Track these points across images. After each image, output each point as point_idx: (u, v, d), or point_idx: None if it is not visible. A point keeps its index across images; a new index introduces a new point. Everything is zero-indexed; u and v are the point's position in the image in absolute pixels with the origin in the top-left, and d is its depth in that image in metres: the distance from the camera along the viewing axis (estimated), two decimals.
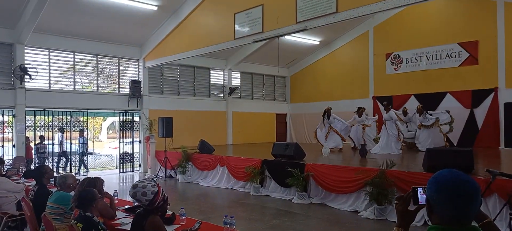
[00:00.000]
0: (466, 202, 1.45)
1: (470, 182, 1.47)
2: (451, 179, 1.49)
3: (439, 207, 1.50)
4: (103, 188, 4.20)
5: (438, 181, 1.52)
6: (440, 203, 1.49)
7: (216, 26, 11.17)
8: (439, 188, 1.50)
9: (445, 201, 1.47)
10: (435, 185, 1.52)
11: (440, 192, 1.49)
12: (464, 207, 1.46)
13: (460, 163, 6.32)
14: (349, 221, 6.83)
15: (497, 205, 5.63)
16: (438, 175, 1.54)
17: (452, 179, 1.49)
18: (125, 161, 14.14)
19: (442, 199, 1.48)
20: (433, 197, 1.52)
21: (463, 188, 1.46)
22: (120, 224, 3.85)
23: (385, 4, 7.18)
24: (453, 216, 1.47)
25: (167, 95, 15.15)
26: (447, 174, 1.51)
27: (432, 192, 1.52)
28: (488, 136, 12.81)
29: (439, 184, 1.50)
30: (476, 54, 13.38)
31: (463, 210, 1.46)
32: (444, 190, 1.48)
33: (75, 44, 12.61)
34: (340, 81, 17.41)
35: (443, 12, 14.25)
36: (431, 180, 1.55)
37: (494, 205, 5.70)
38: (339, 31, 16.83)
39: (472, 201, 1.46)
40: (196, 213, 7.27)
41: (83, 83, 13.44)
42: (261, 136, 17.99)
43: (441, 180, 1.51)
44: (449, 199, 1.46)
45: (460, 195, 1.45)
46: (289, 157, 9.26)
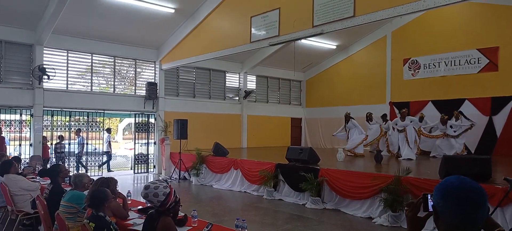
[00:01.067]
0: (471, 209, 1.42)
1: (476, 189, 1.44)
2: (456, 186, 1.46)
3: (444, 213, 1.47)
4: (116, 188, 4.24)
5: (444, 187, 1.49)
6: (445, 209, 1.47)
7: (233, 29, 11.21)
8: (444, 194, 1.48)
9: (450, 208, 1.45)
10: (440, 191, 1.50)
11: (445, 198, 1.47)
12: (469, 214, 1.42)
13: (477, 171, 6.18)
14: (363, 228, 6.73)
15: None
16: (444, 181, 1.51)
17: (457, 185, 1.46)
18: (140, 162, 14.29)
19: (446, 205, 1.46)
20: (438, 204, 1.50)
21: (468, 195, 1.43)
22: (132, 225, 3.88)
23: (404, 9, 7.06)
24: (458, 223, 1.44)
25: (182, 97, 15.27)
26: (454, 181, 1.48)
27: (438, 198, 1.50)
28: (507, 144, 12.46)
29: (444, 190, 1.48)
30: (496, 61, 13.05)
31: (468, 217, 1.43)
32: (449, 197, 1.46)
33: (93, 45, 12.85)
34: (357, 86, 17.23)
35: (462, 17, 13.96)
36: (437, 186, 1.53)
37: (511, 215, 5.53)
38: (356, 35, 16.67)
39: (477, 209, 1.42)
40: (209, 215, 7.27)
41: (100, 85, 13.66)
42: (275, 139, 17.94)
43: (447, 186, 1.48)
44: (454, 205, 1.44)
45: (465, 201, 1.42)
46: (303, 162, 9.19)
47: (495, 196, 5.55)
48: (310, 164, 9.02)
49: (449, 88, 14.05)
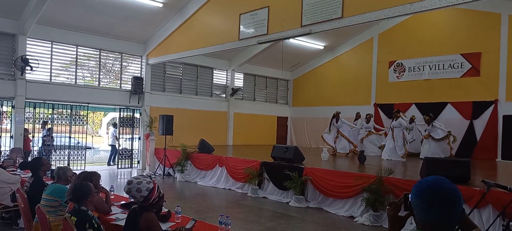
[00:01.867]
0: (446, 208, 1.47)
1: (451, 189, 1.48)
2: (432, 186, 1.50)
3: (420, 212, 1.52)
4: (99, 182, 4.21)
5: (420, 187, 1.54)
6: (420, 208, 1.51)
7: (221, 26, 11.19)
8: (420, 193, 1.52)
9: (424, 207, 1.50)
10: (416, 190, 1.54)
11: (420, 197, 1.51)
12: (443, 214, 1.47)
13: (457, 173, 6.34)
14: (344, 226, 6.83)
15: (491, 216, 5.62)
16: (421, 181, 1.56)
17: (433, 185, 1.50)
18: (123, 157, 14.15)
19: (421, 204, 1.50)
20: (414, 202, 1.54)
21: (442, 195, 1.47)
22: (114, 220, 3.86)
23: (391, 12, 7.17)
24: (433, 222, 1.48)
25: (169, 93, 15.16)
26: (430, 180, 1.53)
27: (414, 196, 1.55)
28: (486, 148, 12.77)
29: (420, 190, 1.53)
30: (478, 66, 13.35)
31: (441, 217, 1.47)
32: (424, 196, 1.50)
33: (79, 37, 12.64)
34: (343, 87, 17.40)
35: (447, 22, 14.24)
36: (415, 185, 1.58)
37: (488, 216, 5.69)
38: (344, 36, 16.81)
39: (452, 208, 1.47)
40: (193, 212, 7.26)
41: (85, 77, 13.45)
42: (261, 138, 17.99)
43: (423, 186, 1.53)
44: (428, 205, 1.49)
45: (439, 201, 1.47)
46: (288, 160, 9.25)
47: (473, 197, 5.71)
48: (295, 163, 9.09)
49: (432, 92, 14.32)
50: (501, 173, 9.37)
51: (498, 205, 5.44)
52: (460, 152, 13.08)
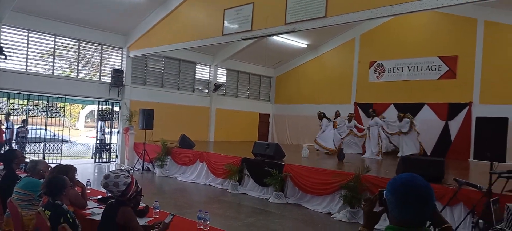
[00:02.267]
0: (418, 205, 1.52)
1: (423, 187, 1.53)
2: (405, 182, 1.55)
3: (394, 209, 1.56)
4: (75, 176, 4.13)
5: (394, 184, 1.58)
6: (394, 204, 1.56)
7: (205, 20, 11.11)
8: (393, 189, 1.57)
9: (399, 204, 1.54)
10: (390, 186, 1.59)
11: (395, 194, 1.56)
12: (416, 210, 1.52)
13: (431, 172, 6.53)
14: (322, 222, 6.94)
15: (462, 214, 5.84)
16: (396, 179, 1.61)
17: (406, 182, 1.55)
18: (101, 151, 13.91)
19: (396, 201, 1.55)
20: (389, 198, 1.59)
21: (416, 192, 1.52)
22: (90, 214, 3.80)
23: (373, 13, 7.29)
24: (404, 217, 1.53)
25: (150, 87, 14.97)
26: (403, 177, 1.58)
27: (388, 193, 1.60)
28: (460, 148, 13.19)
29: (393, 186, 1.57)
30: (455, 69, 13.75)
31: (415, 213, 1.52)
32: (398, 192, 1.55)
33: (57, 27, 12.31)
34: (324, 86, 17.58)
35: (426, 25, 14.57)
36: (389, 182, 1.62)
37: (459, 214, 5.91)
38: (327, 36, 16.97)
39: (424, 205, 1.52)
40: (172, 207, 7.23)
41: (63, 68, 13.13)
42: (243, 134, 18.00)
43: (396, 182, 1.58)
44: (402, 202, 1.53)
45: (413, 198, 1.52)
46: (269, 157, 9.30)
47: (445, 195, 5.89)
48: (276, 160, 9.15)
49: (410, 93, 14.65)
50: (472, 173, 9.68)
51: (468, 203, 5.64)
52: (435, 151, 13.48)
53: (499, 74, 12.77)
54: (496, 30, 12.93)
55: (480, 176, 7.99)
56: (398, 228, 1.55)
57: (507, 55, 12.67)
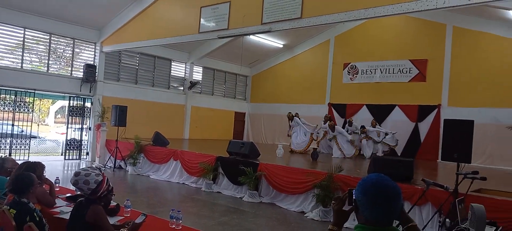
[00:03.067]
0: (385, 205, 1.58)
1: (391, 187, 1.59)
2: (374, 183, 1.61)
3: (362, 207, 1.61)
4: (43, 173, 4.01)
5: (363, 184, 1.64)
6: (364, 204, 1.60)
7: (181, 17, 11.00)
8: (363, 190, 1.62)
9: (367, 203, 1.59)
10: (361, 187, 1.64)
11: (364, 193, 1.61)
12: (383, 209, 1.58)
13: (401, 172, 6.72)
14: (295, 221, 7.02)
15: (430, 213, 6.04)
16: (365, 178, 1.66)
17: (375, 183, 1.61)
18: (72, 148, 13.52)
19: (366, 202, 1.60)
20: (358, 198, 1.64)
21: (384, 191, 1.58)
22: (59, 213, 3.70)
23: (347, 16, 7.44)
24: (373, 217, 1.59)
25: (123, 83, 14.69)
26: (373, 178, 1.63)
27: (358, 193, 1.64)
28: (429, 149, 13.68)
29: (363, 187, 1.62)
30: (425, 72, 14.23)
31: (382, 212, 1.58)
32: (367, 192, 1.60)
33: (26, 19, 11.88)
34: (299, 86, 17.77)
35: (399, 29, 15.01)
36: (359, 183, 1.67)
37: (427, 213, 6.11)
38: (303, 37, 17.18)
39: (391, 205, 1.58)
40: (144, 206, 7.13)
41: (32, 62, 12.68)
42: (218, 132, 17.95)
43: (366, 183, 1.63)
44: (372, 202, 1.58)
45: (381, 198, 1.57)
46: (244, 155, 9.32)
47: (414, 195, 6.08)
48: (250, 158, 9.18)
49: (382, 94, 15.06)
50: (440, 173, 10.06)
51: (436, 202, 5.84)
52: (405, 152, 13.90)
53: (466, 79, 13.32)
54: (464, 35, 13.47)
55: (447, 176, 8.31)
56: (367, 227, 1.60)
57: (474, 60, 13.23)
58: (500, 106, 12.50)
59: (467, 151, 5.61)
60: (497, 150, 12.33)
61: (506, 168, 11.66)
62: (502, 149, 12.14)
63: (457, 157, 5.66)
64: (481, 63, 13.07)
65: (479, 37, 13.20)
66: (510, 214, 5.31)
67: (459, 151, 5.65)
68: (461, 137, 5.67)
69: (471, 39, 13.34)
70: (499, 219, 4.81)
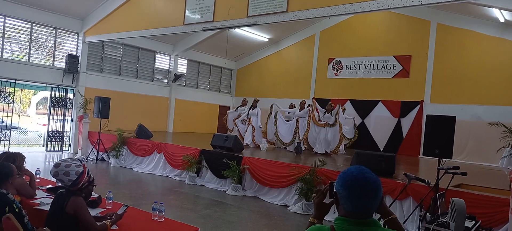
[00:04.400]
0: (365, 197, 1.59)
1: (371, 179, 1.61)
2: (355, 175, 1.62)
3: (343, 200, 1.63)
4: (23, 164, 3.95)
5: (344, 176, 1.65)
6: (345, 197, 1.61)
7: (166, 9, 10.88)
8: (344, 183, 1.63)
9: (348, 196, 1.60)
10: (341, 179, 1.65)
11: (344, 186, 1.62)
12: (363, 202, 1.59)
13: (383, 167, 6.83)
14: (278, 214, 7.07)
15: (411, 207, 6.17)
16: (345, 171, 1.67)
17: (356, 175, 1.62)
18: (53, 140, 13.29)
19: (347, 194, 1.61)
20: (339, 190, 1.65)
21: (363, 185, 1.59)
22: (39, 204, 3.66)
23: (332, 10, 7.50)
24: (354, 209, 1.60)
25: (106, 74, 14.46)
26: (353, 171, 1.64)
27: (339, 186, 1.65)
28: (411, 144, 13.92)
29: (344, 179, 1.63)
30: (408, 68, 14.43)
31: (362, 204, 1.59)
32: (347, 184, 1.61)
33: (7, 7, 11.57)
34: (284, 80, 17.82)
35: (383, 25, 15.17)
36: (339, 174, 1.68)
37: (408, 207, 6.24)
38: (288, 31, 17.21)
39: (371, 198, 1.60)
40: (126, 198, 7.07)
41: (13, 52, 12.36)
42: (202, 126, 17.89)
43: (346, 176, 1.64)
44: (351, 194, 1.60)
45: (361, 191, 1.59)
46: (228, 149, 9.33)
47: (396, 190, 6.19)
48: (234, 152, 9.19)
49: (366, 90, 15.22)
50: (422, 168, 10.27)
51: (417, 197, 5.95)
52: (387, 147, 14.14)
53: (449, 75, 13.56)
54: (448, 33, 13.68)
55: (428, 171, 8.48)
56: (347, 219, 1.61)
57: (457, 58, 13.47)
58: (482, 103, 12.78)
59: (448, 146, 5.69)
60: (477, 147, 12.59)
61: (485, 164, 11.95)
62: (482, 146, 12.40)
63: (439, 152, 5.76)
64: (464, 60, 13.30)
65: (462, 34, 13.40)
66: (489, 209, 5.45)
67: (440, 146, 5.74)
68: (443, 133, 5.74)
69: (455, 37, 13.55)
70: (478, 213, 4.94)
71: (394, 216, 1.90)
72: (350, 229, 1.59)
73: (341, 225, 1.61)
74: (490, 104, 12.58)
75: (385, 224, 1.85)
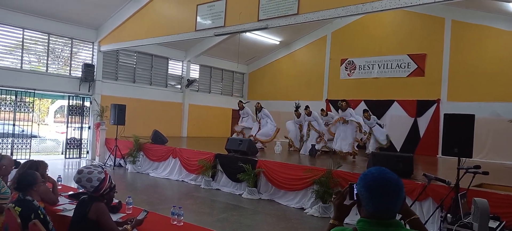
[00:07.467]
0: (388, 197, 1.58)
1: (393, 180, 1.60)
2: (376, 177, 1.61)
3: (365, 201, 1.62)
4: (46, 172, 4.04)
5: (365, 177, 1.64)
6: (367, 199, 1.61)
7: (178, 15, 11.00)
8: (365, 184, 1.62)
9: (370, 197, 1.60)
10: (362, 181, 1.64)
11: (366, 187, 1.62)
12: (386, 203, 1.58)
13: (401, 168, 6.73)
14: (295, 217, 7.05)
15: (430, 208, 6.06)
16: (366, 172, 1.67)
17: (377, 176, 1.61)
18: (72, 147, 13.55)
19: (368, 195, 1.60)
20: (361, 192, 1.64)
21: (385, 186, 1.58)
22: (62, 210, 3.73)
23: (344, 11, 7.45)
24: (376, 210, 1.59)
25: (121, 82, 14.69)
26: (374, 172, 1.64)
27: (360, 187, 1.65)
28: (428, 144, 13.68)
29: (366, 181, 1.63)
30: (423, 67, 14.23)
31: (385, 205, 1.58)
32: (369, 186, 1.61)
33: (25, 20, 11.87)
34: (297, 82, 17.78)
35: (396, 24, 15.01)
36: (361, 176, 1.68)
37: (428, 208, 6.13)
38: (299, 33, 17.19)
39: (393, 198, 1.59)
40: (145, 203, 7.15)
41: (31, 62, 12.67)
42: (216, 130, 17.97)
43: (368, 177, 1.63)
44: (373, 194, 1.59)
45: (383, 192, 1.58)
46: (242, 153, 9.35)
47: (415, 191, 6.08)
48: (249, 155, 9.21)
49: (380, 90, 15.05)
50: (440, 168, 10.09)
51: (437, 197, 5.83)
52: (404, 147, 13.93)
53: (466, 73, 13.28)
54: (463, 29, 13.43)
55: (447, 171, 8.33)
56: (370, 220, 1.60)
57: (473, 54, 13.19)
58: (500, 100, 12.46)
59: (468, 145, 5.53)
60: (497, 145, 12.30)
61: (506, 162, 11.66)
62: (503, 144, 12.12)
63: (458, 152, 5.63)
64: (481, 57, 13.01)
65: (479, 30, 13.13)
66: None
67: (459, 146, 5.60)
68: (462, 131, 5.58)
69: (471, 33, 13.28)
70: (502, 214, 4.79)
71: (416, 216, 1.88)
72: (373, 230, 1.59)
73: (364, 227, 1.60)
74: (510, 101, 12.28)
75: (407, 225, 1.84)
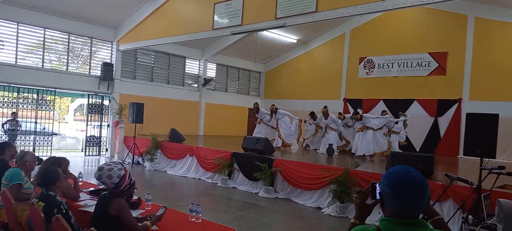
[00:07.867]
0: (413, 197, 1.55)
1: (418, 179, 1.56)
2: (401, 175, 1.58)
3: (389, 200, 1.59)
4: (68, 168, 4.12)
5: (390, 176, 1.61)
6: (391, 197, 1.57)
7: (195, 14, 11.06)
8: (389, 182, 1.59)
9: (394, 195, 1.56)
10: (386, 179, 1.61)
11: (390, 186, 1.58)
12: (410, 201, 1.54)
13: (421, 168, 6.59)
14: (312, 217, 7.00)
15: (451, 210, 5.91)
16: (391, 171, 1.63)
17: (402, 175, 1.58)
18: (91, 145, 13.81)
19: (392, 193, 1.57)
20: (384, 191, 1.61)
21: (410, 184, 1.55)
22: (83, 206, 3.80)
23: (364, 8, 7.34)
24: (400, 209, 1.56)
25: (139, 80, 14.88)
26: (399, 170, 1.60)
27: (384, 186, 1.61)
28: (449, 144, 13.38)
29: (390, 179, 1.60)
30: (445, 65, 13.90)
31: (409, 204, 1.55)
32: (394, 184, 1.57)
33: (46, 20, 12.15)
34: (314, 81, 17.64)
35: (416, 21, 14.70)
36: (385, 174, 1.64)
37: (448, 209, 5.98)
38: (317, 31, 17.04)
39: (418, 197, 1.55)
40: (163, 200, 7.21)
41: (52, 61, 12.97)
42: (232, 129, 18.01)
43: (392, 175, 1.60)
44: (398, 193, 1.55)
45: (408, 190, 1.54)
46: (259, 151, 9.34)
47: (435, 191, 5.95)
48: (265, 154, 9.19)
49: (400, 89, 14.78)
50: (461, 169, 9.86)
51: (457, 198, 5.69)
52: (424, 147, 13.66)
53: (489, 71, 12.89)
54: (486, 26, 13.04)
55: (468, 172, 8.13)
56: (394, 219, 1.57)
57: (497, 52, 12.81)
58: None
59: (491, 145, 5.38)
60: None
61: None
62: None
63: (480, 152, 5.48)
64: (506, 55, 12.61)
65: (503, 28, 12.71)
66: None
67: (482, 146, 5.46)
68: (485, 131, 5.44)
69: (495, 30, 12.88)
70: None
71: (440, 216, 1.84)
72: (396, 229, 1.55)
73: (387, 226, 1.57)
74: None
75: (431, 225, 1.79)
